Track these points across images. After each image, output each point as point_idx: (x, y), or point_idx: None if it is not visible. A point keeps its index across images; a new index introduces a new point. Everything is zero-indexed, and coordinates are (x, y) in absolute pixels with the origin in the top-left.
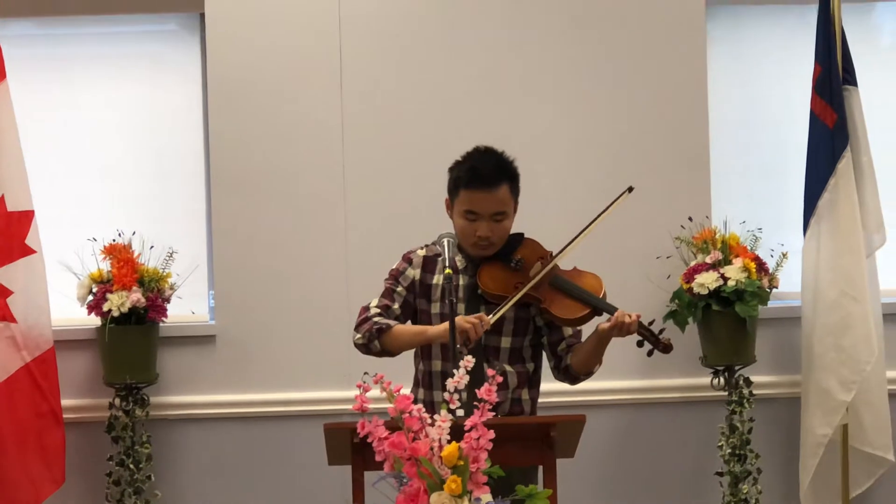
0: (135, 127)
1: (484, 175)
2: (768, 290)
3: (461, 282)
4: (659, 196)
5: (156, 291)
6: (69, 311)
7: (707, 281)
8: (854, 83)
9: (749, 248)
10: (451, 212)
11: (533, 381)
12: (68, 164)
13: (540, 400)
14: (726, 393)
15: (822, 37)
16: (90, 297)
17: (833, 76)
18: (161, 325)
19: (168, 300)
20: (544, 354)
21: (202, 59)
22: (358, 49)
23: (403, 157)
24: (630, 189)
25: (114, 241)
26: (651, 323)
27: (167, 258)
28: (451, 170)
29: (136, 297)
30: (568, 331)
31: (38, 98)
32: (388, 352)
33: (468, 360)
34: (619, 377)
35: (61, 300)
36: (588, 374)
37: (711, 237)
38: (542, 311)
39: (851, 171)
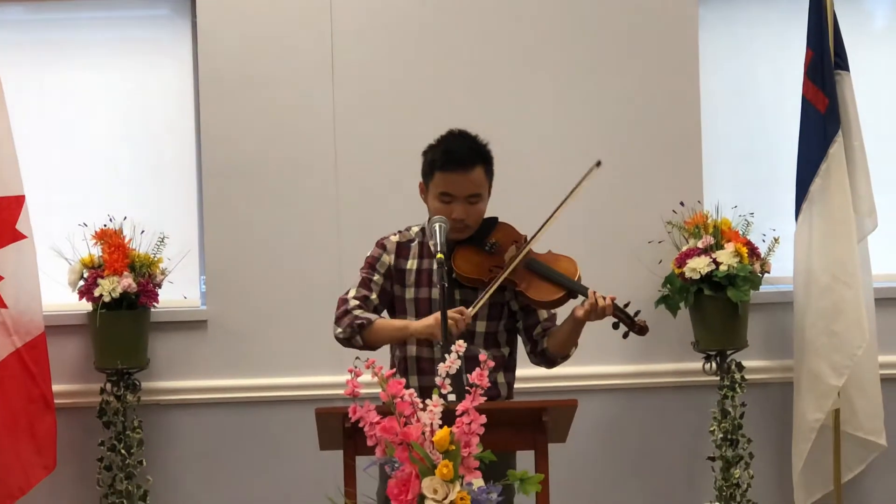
0: (126, 111)
1: (459, 157)
2: (760, 275)
3: (434, 266)
4: (650, 181)
5: (147, 276)
6: (60, 297)
7: (699, 266)
8: (846, 68)
9: (741, 232)
10: (426, 196)
11: (508, 365)
12: (59, 149)
13: (531, 385)
14: (718, 378)
15: (814, 21)
16: (81, 283)
17: (825, 61)
18: (152, 310)
19: (159, 285)
20: (519, 339)
21: (193, 44)
22: (350, 35)
23: (395, 142)
24: (598, 163)
25: (105, 226)
26: (626, 305)
27: (158, 243)
28: (424, 153)
29: (127, 282)
30: (543, 314)
31: (29, 83)
32: (369, 346)
33: (460, 345)
34: (611, 362)
35: (52, 285)
36: (565, 357)
37: (703, 222)
38: (517, 294)
39: (843, 156)
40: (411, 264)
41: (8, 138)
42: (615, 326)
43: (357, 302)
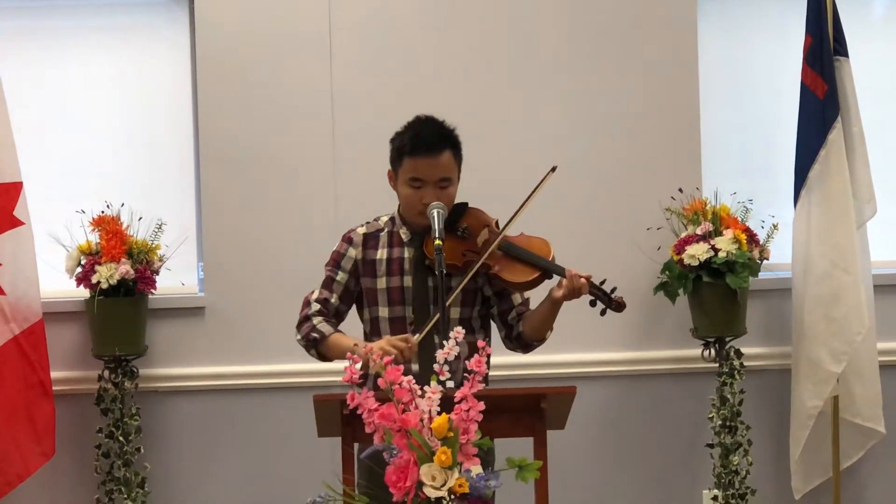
0: (124, 98)
1: (427, 141)
2: (759, 262)
3: (406, 254)
4: (649, 167)
5: (145, 263)
6: (58, 284)
7: (698, 252)
8: (845, 54)
9: (740, 219)
10: (395, 183)
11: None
12: (57, 136)
13: (530, 371)
14: (717, 364)
15: (814, 7)
16: (79, 269)
17: (824, 47)
18: (150, 296)
19: (157, 272)
20: (493, 325)
21: (191, 30)
22: (348, 23)
23: (393, 130)
24: (553, 168)
25: (102, 212)
26: (602, 282)
27: (156, 230)
28: (392, 140)
29: (124, 268)
30: (517, 299)
31: (27, 70)
32: (324, 360)
33: (458, 331)
34: (609, 349)
35: (50, 272)
36: (541, 340)
37: (702, 208)
38: (492, 278)
39: (842, 142)
40: (381, 254)
41: (6, 125)
42: (592, 304)
43: (318, 306)
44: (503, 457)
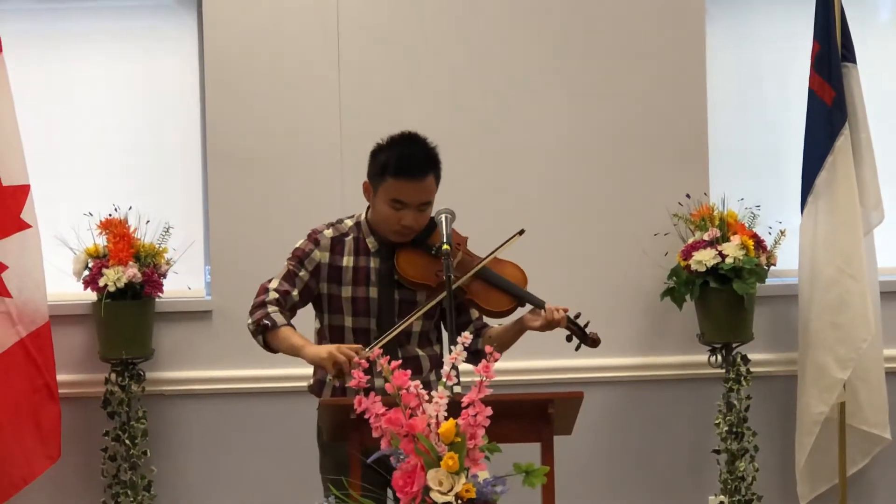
0: (131, 101)
1: (413, 165)
2: (766, 268)
3: (372, 264)
4: (657, 173)
5: (152, 266)
6: (65, 286)
7: (705, 258)
8: (853, 60)
9: (747, 225)
10: (372, 196)
11: (440, 364)
12: (64, 139)
13: (537, 377)
14: (724, 370)
15: (821, 14)
16: (86, 272)
17: (832, 53)
18: (157, 300)
19: (164, 275)
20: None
21: (199, 34)
22: (356, 25)
23: None
24: (521, 232)
25: (110, 215)
26: (577, 317)
27: (163, 233)
28: (374, 154)
29: (132, 272)
30: (474, 313)
31: (35, 72)
32: (270, 349)
33: (465, 336)
34: (617, 354)
35: (57, 275)
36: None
37: (709, 214)
38: (466, 303)
39: (850, 149)
40: (347, 261)
41: (13, 127)
42: (568, 339)
43: (276, 296)
44: (510, 462)
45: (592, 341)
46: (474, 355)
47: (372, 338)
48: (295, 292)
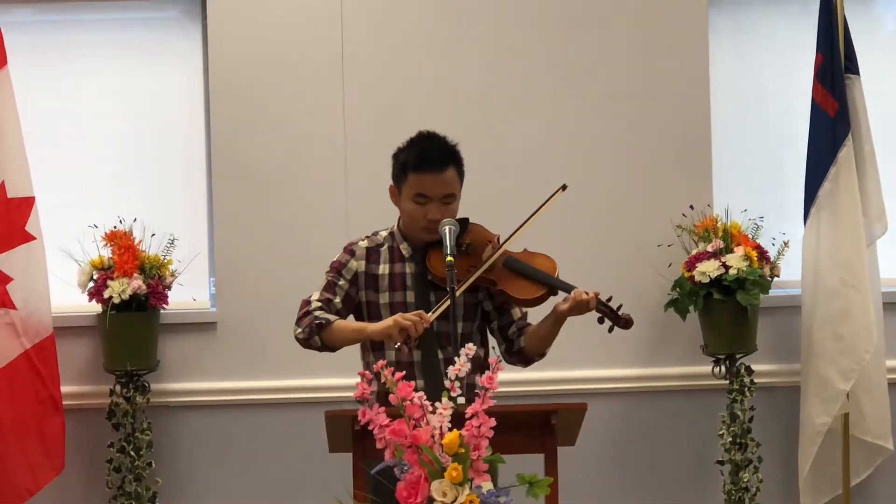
0: (136, 114)
1: (433, 157)
2: (769, 279)
3: (407, 270)
4: (660, 184)
5: (157, 278)
6: (70, 298)
7: (708, 269)
8: (856, 72)
9: (750, 236)
10: (398, 199)
11: (484, 366)
12: (69, 151)
13: (540, 388)
14: (727, 381)
15: (824, 25)
16: (91, 284)
17: (835, 64)
18: (162, 311)
19: (169, 287)
20: (491, 340)
21: (203, 46)
22: (360, 37)
23: None
24: (564, 187)
25: (115, 227)
26: (609, 299)
27: (168, 245)
28: (395, 156)
29: (136, 283)
30: (517, 313)
31: (39, 85)
32: (328, 347)
33: (469, 348)
34: (620, 365)
35: (62, 287)
36: (541, 355)
37: (713, 225)
38: (497, 294)
39: (853, 160)
40: (383, 269)
41: (18, 140)
42: (600, 321)
43: (319, 304)
44: (513, 473)
45: (625, 322)
46: (517, 355)
47: (412, 341)
48: (337, 300)
